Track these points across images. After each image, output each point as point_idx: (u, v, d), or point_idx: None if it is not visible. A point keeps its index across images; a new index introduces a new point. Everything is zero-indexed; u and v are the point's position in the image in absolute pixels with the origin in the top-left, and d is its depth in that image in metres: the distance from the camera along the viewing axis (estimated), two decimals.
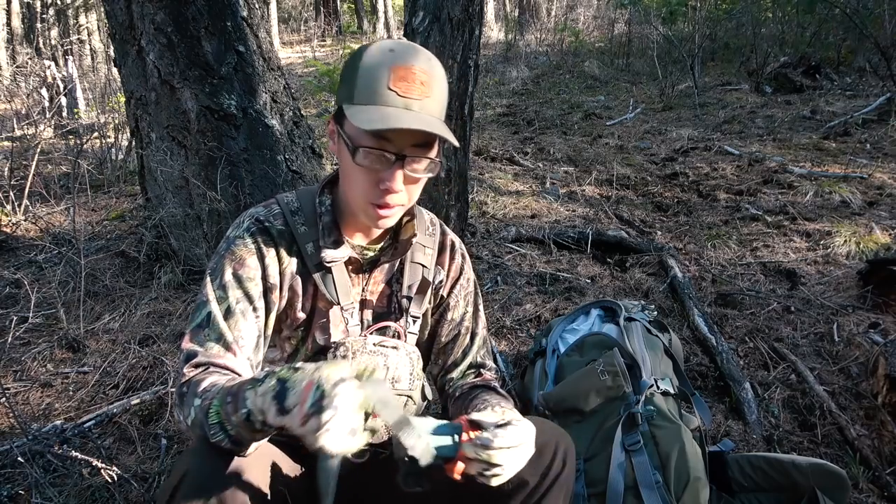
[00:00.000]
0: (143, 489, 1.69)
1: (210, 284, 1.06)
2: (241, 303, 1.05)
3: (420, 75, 0.98)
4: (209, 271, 1.08)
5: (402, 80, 0.97)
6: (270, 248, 1.08)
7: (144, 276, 3.04)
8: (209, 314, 1.04)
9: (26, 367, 2.32)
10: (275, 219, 1.11)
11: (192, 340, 1.04)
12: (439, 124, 0.99)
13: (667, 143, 5.74)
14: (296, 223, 1.11)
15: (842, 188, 4.08)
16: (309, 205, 1.13)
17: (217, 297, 1.05)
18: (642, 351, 1.77)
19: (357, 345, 1.08)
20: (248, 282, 1.06)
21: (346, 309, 1.12)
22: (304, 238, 1.10)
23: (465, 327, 1.27)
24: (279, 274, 1.09)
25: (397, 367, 1.10)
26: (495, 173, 4.78)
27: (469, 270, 1.29)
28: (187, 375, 1.00)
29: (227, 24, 2.78)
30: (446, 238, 1.26)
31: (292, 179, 2.98)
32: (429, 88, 0.99)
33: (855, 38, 7.88)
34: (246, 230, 1.09)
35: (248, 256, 1.07)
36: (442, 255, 1.25)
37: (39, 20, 16.04)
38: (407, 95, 0.97)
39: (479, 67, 3.01)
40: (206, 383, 0.97)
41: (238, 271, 1.06)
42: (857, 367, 2.24)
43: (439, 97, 1.02)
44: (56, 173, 4.76)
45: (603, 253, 3.38)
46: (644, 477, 1.46)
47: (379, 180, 1.00)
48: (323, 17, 16.16)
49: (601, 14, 13.89)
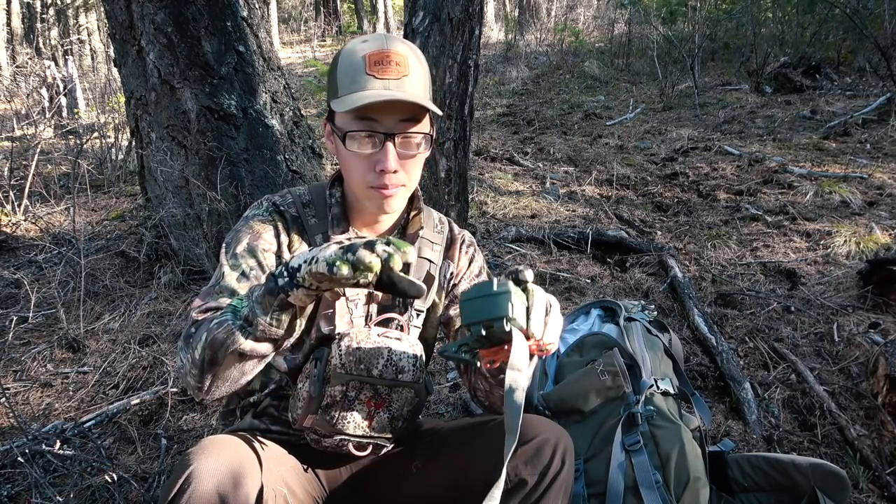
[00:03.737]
0: (143, 489, 1.69)
1: (224, 255, 1.11)
2: (254, 270, 1.09)
3: (395, 57, 1.03)
4: (224, 244, 1.13)
5: (377, 64, 1.02)
6: (284, 230, 1.13)
7: (144, 276, 3.04)
8: (222, 275, 1.08)
9: (26, 367, 2.32)
10: (289, 206, 1.16)
11: (203, 298, 1.05)
12: (418, 95, 1.02)
13: (667, 143, 5.74)
14: (307, 215, 1.16)
15: (842, 188, 4.08)
16: (320, 198, 1.17)
17: (231, 265, 1.09)
18: (642, 351, 1.77)
19: (361, 335, 1.09)
20: (263, 252, 1.10)
21: (351, 300, 1.14)
22: (313, 230, 1.15)
23: None
24: (290, 254, 1.13)
25: (401, 358, 1.10)
26: (495, 173, 4.78)
27: (480, 258, 1.31)
28: (198, 319, 1.01)
29: (227, 24, 2.78)
30: (455, 234, 1.29)
31: (292, 179, 2.98)
32: (405, 68, 1.03)
33: (855, 38, 7.87)
34: (265, 210, 1.15)
35: (264, 231, 1.12)
36: (451, 249, 1.27)
37: (39, 20, 16.05)
38: (384, 77, 1.01)
39: (479, 67, 3.01)
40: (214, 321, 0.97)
41: (253, 243, 1.10)
42: (857, 367, 2.24)
43: (418, 77, 1.05)
44: (56, 173, 4.76)
45: (603, 253, 3.38)
46: (644, 477, 1.46)
47: (374, 163, 1.04)
48: (323, 17, 16.17)
49: (601, 14, 13.89)
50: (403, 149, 1.04)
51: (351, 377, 1.06)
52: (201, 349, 0.95)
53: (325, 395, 1.07)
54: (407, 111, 1.02)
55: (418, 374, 1.13)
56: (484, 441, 1.12)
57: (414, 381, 1.12)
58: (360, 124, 1.02)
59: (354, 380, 1.06)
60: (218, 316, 0.97)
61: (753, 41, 8.55)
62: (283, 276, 0.91)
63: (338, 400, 1.07)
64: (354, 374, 1.06)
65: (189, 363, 0.98)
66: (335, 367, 1.07)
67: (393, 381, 1.09)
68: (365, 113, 1.02)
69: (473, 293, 0.91)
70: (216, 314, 0.98)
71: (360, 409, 1.08)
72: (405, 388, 1.11)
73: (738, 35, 9.83)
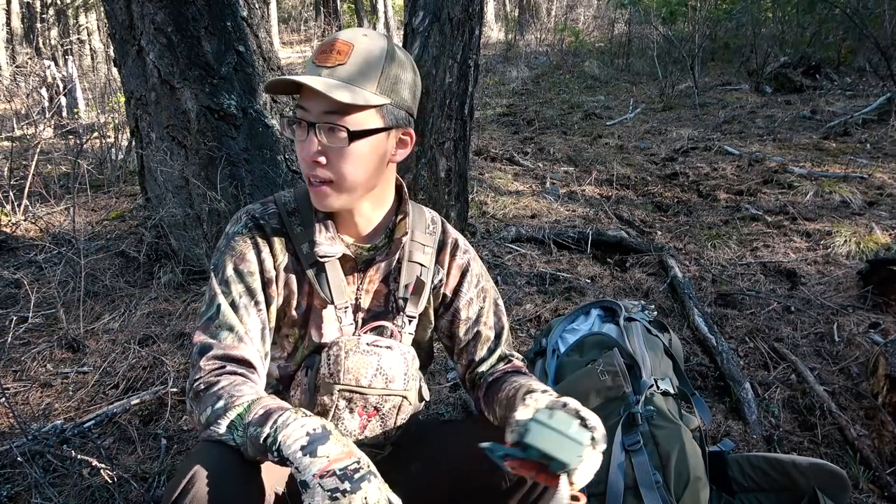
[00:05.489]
0: (143, 489, 1.69)
1: (214, 280, 1.09)
2: (243, 297, 1.07)
3: (339, 46, 1.01)
4: (212, 268, 1.10)
5: (321, 53, 1.02)
6: (265, 244, 1.10)
7: (144, 276, 3.04)
8: (218, 306, 1.06)
9: (26, 367, 2.32)
10: (270, 218, 1.13)
11: (205, 333, 1.05)
12: (333, 83, 0.97)
13: (667, 143, 5.74)
14: (292, 224, 1.12)
15: (842, 188, 4.08)
16: (305, 203, 1.13)
17: (223, 292, 1.07)
18: (642, 351, 1.77)
19: (350, 344, 1.08)
20: (249, 276, 1.08)
21: (339, 308, 1.12)
22: (299, 238, 1.11)
23: (484, 324, 1.25)
24: (274, 269, 1.10)
25: (391, 367, 1.09)
26: (495, 173, 4.78)
27: (476, 266, 1.26)
28: (204, 369, 1.01)
29: (227, 24, 2.78)
30: (447, 237, 1.24)
31: (292, 179, 2.98)
32: (345, 56, 1.00)
33: (855, 38, 7.88)
34: (243, 226, 1.11)
35: (247, 251, 1.09)
36: (441, 254, 1.23)
37: (39, 20, 16.04)
38: (322, 64, 1.00)
39: (479, 67, 3.01)
40: (225, 383, 0.98)
41: (239, 266, 1.08)
42: (857, 367, 2.24)
43: (356, 64, 1.00)
44: (56, 173, 4.76)
45: (603, 253, 3.38)
46: (644, 477, 1.46)
47: (302, 151, 1.03)
48: (323, 17, 16.17)
49: (601, 14, 13.89)
50: (328, 140, 1.00)
51: (340, 387, 1.06)
52: (206, 421, 0.96)
53: (316, 404, 1.07)
54: (331, 104, 0.98)
55: (410, 383, 1.12)
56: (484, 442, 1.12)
57: (405, 389, 1.11)
58: (296, 112, 1.03)
59: (344, 389, 1.06)
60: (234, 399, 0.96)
61: (753, 41, 8.55)
62: (272, 453, 0.89)
63: (329, 408, 1.07)
64: (343, 383, 1.05)
65: (196, 417, 0.99)
66: (324, 376, 1.07)
67: (383, 391, 1.09)
68: (285, 95, 1.03)
69: (550, 420, 0.91)
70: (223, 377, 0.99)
71: (352, 418, 1.08)
72: (396, 396, 1.10)
73: (738, 35, 9.83)
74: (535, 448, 0.90)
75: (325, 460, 0.84)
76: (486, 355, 1.25)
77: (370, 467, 0.86)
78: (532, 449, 0.90)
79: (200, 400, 0.98)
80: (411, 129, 1.09)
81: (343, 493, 0.81)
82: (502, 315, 1.29)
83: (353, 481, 0.83)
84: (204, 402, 0.97)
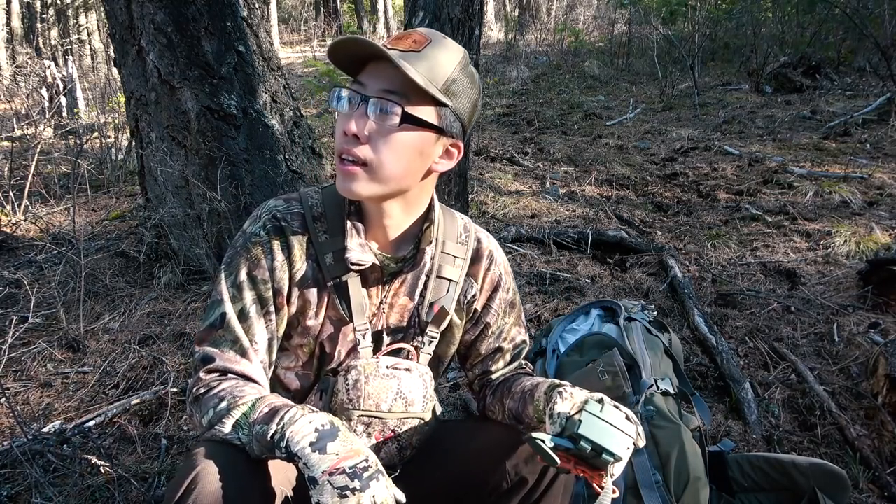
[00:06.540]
0: (143, 489, 1.69)
1: (224, 281, 1.04)
2: (255, 305, 1.03)
3: (416, 36, 0.95)
4: (224, 266, 1.06)
5: (395, 39, 0.96)
6: (282, 251, 1.05)
7: (144, 276, 3.04)
8: (223, 315, 1.02)
9: (26, 367, 2.32)
10: (293, 219, 1.06)
11: (208, 341, 1.03)
12: (406, 64, 0.90)
13: (667, 143, 5.74)
14: (317, 230, 1.06)
15: (842, 188, 4.08)
16: (333, 209, 1.07)
17: (231, 297, 1.03)
18: (642, 351, 1.77)
19: (370, 368, 1.04)
20: (262, 284, 1.04)
21: (358, 330, 1.08)
22: (323, 248, 1.06)
23: (505, 339, 1.23)
24: (288, 279, 1.05)
25: (411, 389, 1.06)
26: (495, 173, 4.78)
27: (509, 280, 1.21)
28: (204, 380, 1.00)
29: (227, 24, 2.78)
30: (482, 246, 1.18)
31: (292, 179, 2.98)
32: (420, 46, 0.94)
33: (855, 38, 7.87)
34: (262, 227, 1.05)
35: (263, 256, 1.04)
36: (475, 266, 1.17)
37: (39, 20, 16.04)
38: (394, 46, 0.94)
39: (479, 67, 3.01)
40: (226, 385, 0.98)
41: (253, 272, 1.04)
42: (857, 367, 2.24)
43: (429, 58, 0.94)
44: (56, 173, 4.76)
45: (603, 253, 3.38)
46: (644, 477, 1.46)
47: (344, 125, 0.95)
48: (323, 17, 16.17)
49: (601, 14, 13.89)
50: (378, 118, 0.93)
51: (359, 413, 1.03)
52: (208, 422, 0.96)
53: None
54: (396, 83, 0.92)
55: (428, 404, 1.10)
56: (484, 442, 1.12)
57: (423, 411, 1.09)
58: (349, 85, 0.97)
59: (363, 415, 1.04)
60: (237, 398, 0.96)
61: (753, 41, 8.55)
62: (280, 449, 0.88)
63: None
64: (363, 409, 1.03)
65: (197, 419, 0.99)
66: (342, 402, 1.04)
67: (402, 414, 1.06)
68: (342, 69, 0.97)
69: (602, 413, 0.92)
70: (223, 383, 0.99)
71: (369, 441, 1.06)
72: (415, 418, 1.09)
73: (738, 35, 9.83)
74: (589, 439, 0.90)
75: (334, 457, 0.84)
76: (501, 366, 1.24)
77: (378, 466, 0.86)
78: (585, 440, 0.90)
79: (201, 402, 0.98)
80: (461, 143, 1.03)
81: (352, 492, 0.81)
82: (523, 329, 1.27)
83: (363, 479, 0.82)
84: (205, 405, 0.97)
